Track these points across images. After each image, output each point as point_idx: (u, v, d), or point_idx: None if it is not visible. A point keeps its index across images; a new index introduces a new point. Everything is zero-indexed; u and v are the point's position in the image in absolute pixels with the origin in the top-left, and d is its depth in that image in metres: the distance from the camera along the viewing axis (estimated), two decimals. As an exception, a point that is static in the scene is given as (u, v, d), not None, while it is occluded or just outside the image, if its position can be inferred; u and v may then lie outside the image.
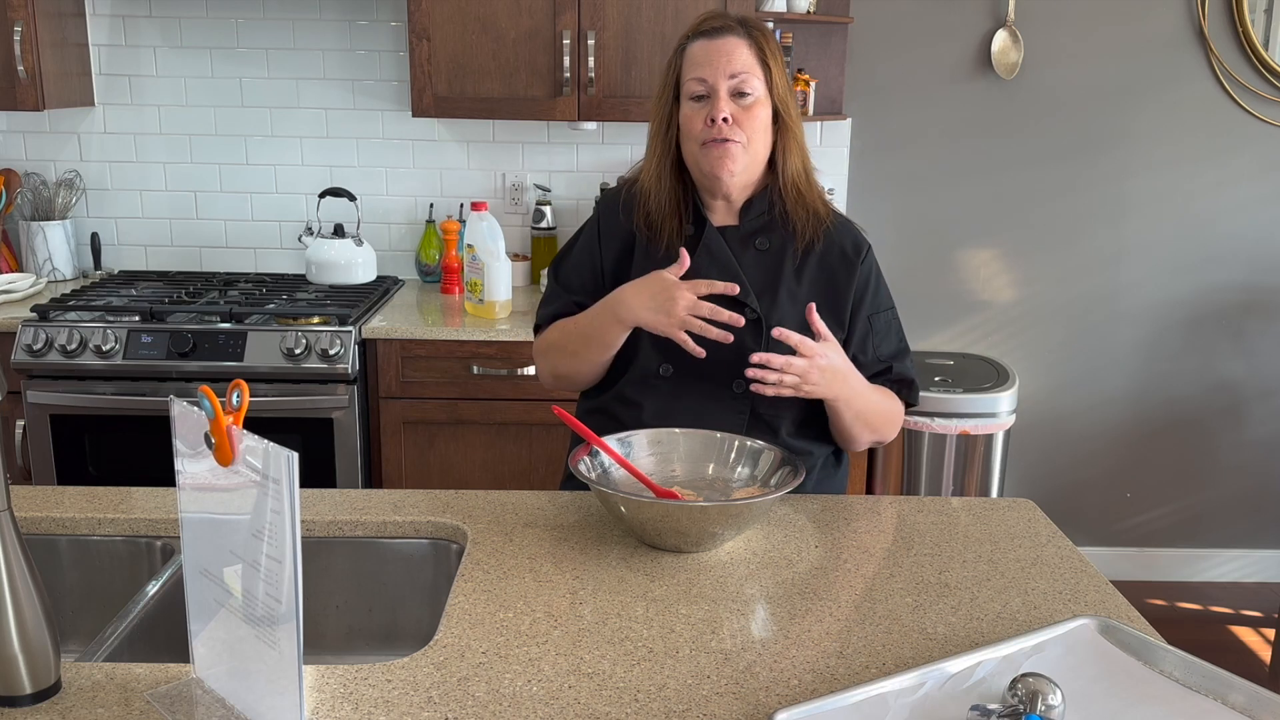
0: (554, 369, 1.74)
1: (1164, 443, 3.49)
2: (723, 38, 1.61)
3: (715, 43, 1.61)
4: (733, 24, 1.63)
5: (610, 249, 1.72)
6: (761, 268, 1.66)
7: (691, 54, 1.63)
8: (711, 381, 1.64)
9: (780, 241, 1.67)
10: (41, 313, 2.66)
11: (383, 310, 2.87)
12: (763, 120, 1.62)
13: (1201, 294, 3.39)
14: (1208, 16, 3.17)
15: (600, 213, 1.77)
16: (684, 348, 1.54)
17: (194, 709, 1.03)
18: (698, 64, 1.61)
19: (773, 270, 1.66)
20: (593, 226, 1.77)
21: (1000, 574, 1.37)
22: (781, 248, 1.67)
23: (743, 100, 1.60)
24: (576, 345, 1.68)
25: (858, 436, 1.67)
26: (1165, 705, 1.05)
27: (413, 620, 1.50)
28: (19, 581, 1.01)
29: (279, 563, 0.94)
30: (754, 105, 1.60)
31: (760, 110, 1.61)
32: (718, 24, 1.63)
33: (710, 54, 1.60)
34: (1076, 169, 3.29)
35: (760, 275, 1.65)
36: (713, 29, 1.62)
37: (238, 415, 0.97)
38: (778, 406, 1.64)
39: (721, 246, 1.65)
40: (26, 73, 2.80)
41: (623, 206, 1.72)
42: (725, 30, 1.61)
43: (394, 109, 3.18)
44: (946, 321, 3.40)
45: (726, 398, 1.65)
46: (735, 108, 1.59)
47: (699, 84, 1.60)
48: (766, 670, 1.12)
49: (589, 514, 1.52)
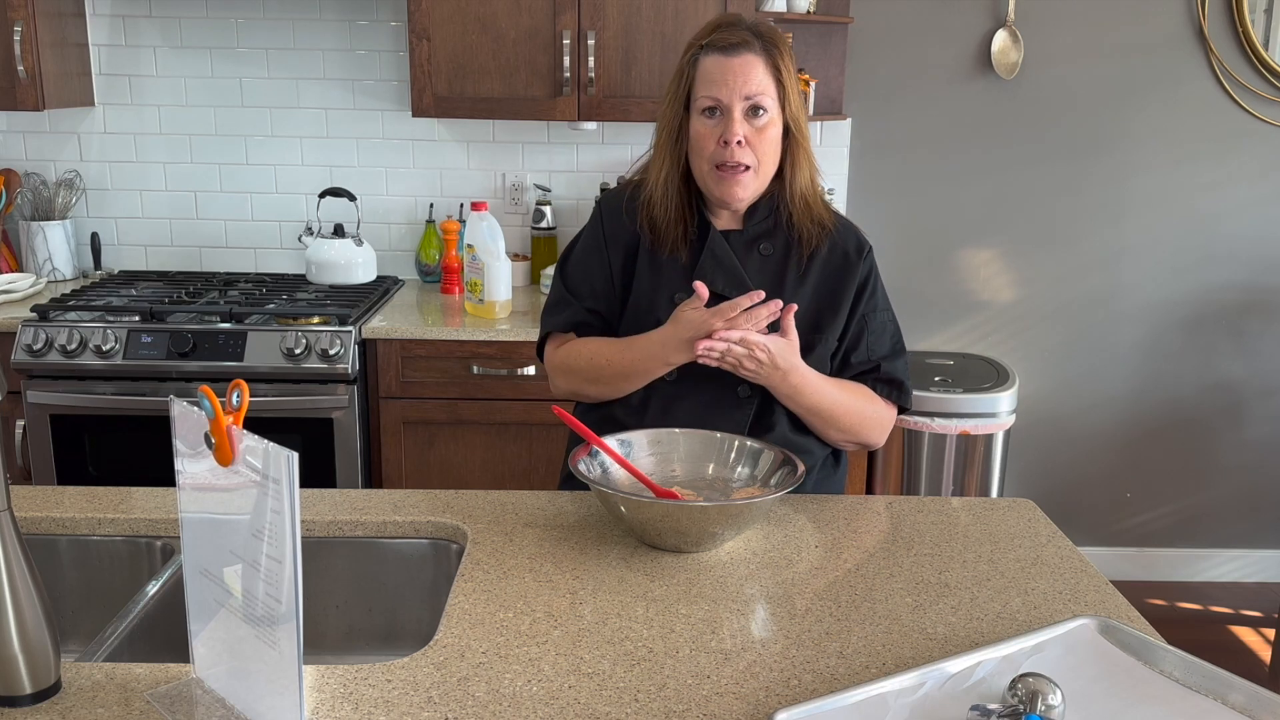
0: (576, 391, 1.73)
1: (1164, 443, 3.49)
2: (740, 55, 1.56)
3: (732, 61, 1.56)
4: (749, 38, 1.57)
5: (617, 253, 1.71)
6: (765, 272, 1.66)
7: (706, 68, 1.58)
8: (716, 385, 1.63)
9: (784, 245, 1.67)
10: (41, 313, 2.66)
11: (383, 310, 2.87)
12: (774, 139, 1.60)
13: (1201, 294, 3.39)
14: (1208, 16, 3.17)
15: (603, 215, 1.75)
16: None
17: (194, 709, 1.03)
18: (712, 81, 1.57)
19: (776, 274, 1.66)
20: (596, 230, 1.74)
21: (1000, 574, 1.37)
22: (785, 252, 1.67)
23: (756, 120, 1.57)
24: (615, 380, 1.65)
25: (822, 433, 1.67)
26: (1165, 705, 1.05)
27: (413, 620, 1.50)
28: (19, 581, 1.01)
29: (279, 563, 0.94)
30: (767, 125, 1.58)
31: (772, 130, 1.59)
32: (735, 40, 1.57)
33: (726, 72, 1.56)
34: (1076, 169, 3.29)
35: (764, 279, 1.65)
36: (730, 45, 1.57)
37: (238, 415, 0.97)
38: (776, 407, 1.64)
39: (726, 251, 1.65)
40: (26, 73, 2.80)
41: (626, 208, 1.71)
42: (742, 47, 1.57)
43: (394, 109, 3.18)
44: (946, 321, 3.40)
45: (730, 402, 1.64)
46: (749, 128, 1.57)
47: (712, 101, 1.57)
48: (766, 670, 1.12)
49: (589, 514, 1.52)
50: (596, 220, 1.75)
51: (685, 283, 1.63)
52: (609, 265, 1.71)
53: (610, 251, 1.71)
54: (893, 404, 1.71)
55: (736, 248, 1.66)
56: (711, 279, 1.62)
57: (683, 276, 1.65)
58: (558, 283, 1.77)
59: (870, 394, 1.69)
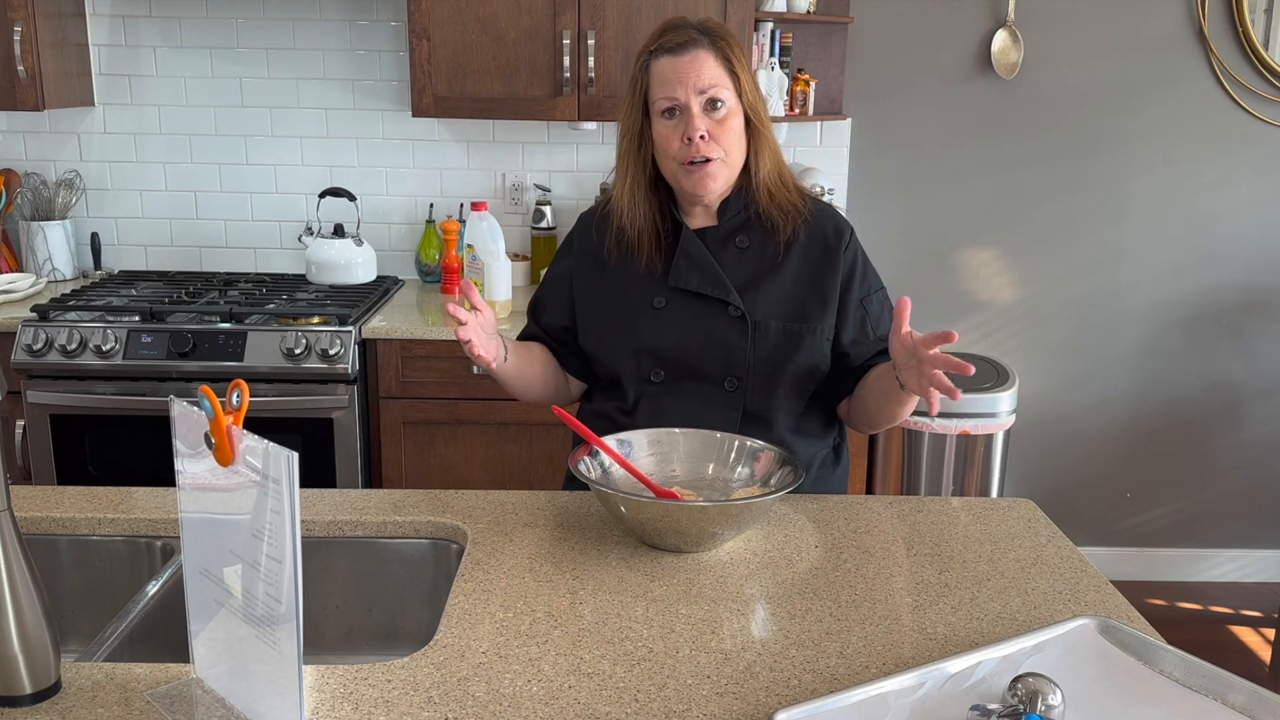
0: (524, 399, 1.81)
1: (1164, 443, 3.49)
2: (689, 53, 1.58)
3: (681, 59, 1.58)
4: (695, 35, 1.59)
5: (581, 269, 1.74)
6: (743, 265, 1.66)
7: (658, 71, 1.60)
8: (704, 381, 1.65)
9: (760, 237, 1.67)
10: (41, 313, 2.66)
11: (383, 310, 2.87)
12: (736, 129, 1.61)
13: (1201, 294, 3.39)
14: (1208, 16, 3.17)
15: (575, 234, 1.79)
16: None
17: (194, 709, 1.03)
18: (666, 82, 1.59)
19: (754, 266, 1.66)
20: (567, 246, 1.79)
21: (1000, 574, 1.37)
22: (762, 243, 1.67)
23: (715, 113, 1.59)
24: (520, 383, 1.74)
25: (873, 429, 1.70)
26: (1165, 705, 1.05)
27: (413, 620, 1.50)
28: (19, 581, 1.01)
29: (279, 563, 0.94)
30: (727, 116, 1.60)
31: (733, 120, 1.60)
32: (681, 38, 1.59)
33: (678, 70, 1.58)
34: (1076, 169, 3.29)
35: (742, 273, 1.65)
36: (677, 45, 1.59)
37: (238, 415, 0.97)
38: (770, 402, 1.65)
39: (699, 249, 1.66)
40: (26, 73, 2.80)
41: (596, 225, 1.74)
42: (689, 45, 1.58)
43: (394, 109, 3.18)
44: (946, 321, 3.40)
45: (719, 396, 1.65)
46: (709, 122, 1.58)
47: (669, 101, 1.59)
48: (766, 670, 1.12)
49: (589, 514, 1.52)
50: (569, 240, 1.80)
51: (664, 287, 1.65)
52: (570, 284, 1.75)
53: (577, 269, 1.75)
54: None
55: (712, 244, 1.67)
56: (686, 278, 1.64)
57: (660, 281, 1.66)
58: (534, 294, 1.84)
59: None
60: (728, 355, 1.63)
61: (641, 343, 1.66)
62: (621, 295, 1.69)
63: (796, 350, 1.64)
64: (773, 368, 1.64)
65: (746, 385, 1.64)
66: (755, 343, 1.63)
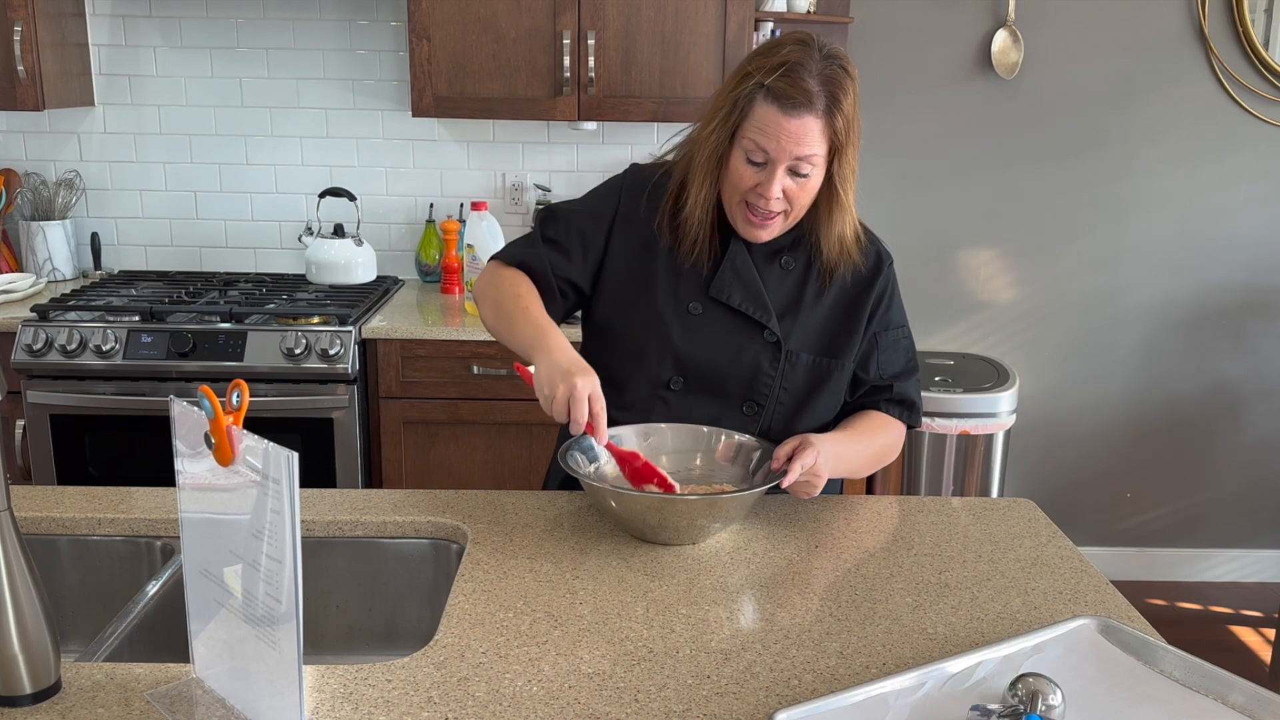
0: (488, 324, 1.62)
1: (1164, 443, 3.48)
2: (799, 118, 1.43)
3: (790, 123, 1.44)
4: (814, 93, 1.43)
5: (624, 234, 1.62)
6: (784, 287, 1.60)
7: (760, 117, 1.46)
8: (721, 399, 1.60)
9: (805, 260, 1.61)
10: (41, 313, 2.66)
11: (383, 310, 2.87)
12: (813, 190, 1.52)
13: (1201, 294, 3.39)
14: (1208, 16, 3.17)
15: (623, 190, 1.65)
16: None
17: (194, 709, 1.03)
18: (764, 133, 1.45)
19: (795, 291, 1.61)
20: (611, 200, 1.64)
21: (1000, 574, 1.37)
22: (806, 268, 1.61)
23: (800, 178, 1.49)
24: (503, 332, 1.58)
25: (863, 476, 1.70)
26: (1165, 705, 1.05)
27: (413, 620, 1.50)
28: (19, 581, 1.01)
29: (279, 563, 0.94)
30: (808, 181, 1.50)
31: (813, 183, 1.51)
32: (798, 95, 1.43)
33: (781, 131, 1.44)
34: (1077, 169, 3.29)
35: (783, 295, 1.60)
36: (791, 101, 1.43)
37: (238, 415, 0.97)
38: (785, 432, 1.58)
39: (747, 263, 1.59)
40: (26, 73, 2.80)
41: (648, 197, 1.62)
42: (803, 108, 1.43)
43: (394, 109, 3.18)
44: (946, 321, 3.40)
45: (733, 417, 1.60)
46: (789, 183, 1.49)
47: (761, 155, 1.47)
48: (766, 670, 1.12)
49: (589, 514, 1.52)
50: (615, 191, 1.65)
51: (703, 293, 1.59)
52: (606, 233, 1.63)
53: (617, 226, 1.63)
54: (903, 423, 1.66)
55: (758, 258, 1.60)
56: (729, 292, 1.58)
57: (701, 286, 1.59)
58: (537, 228, 1.67)
59: (882, 423, 1.64)
60: (754, 379, 1.58)
61: (670, 346, 1.58)
62: (660, 288, 1.60)
63: (823, 385, 1.59)
64: (796, 399, 1.59)
65: (765, 412, 1.59)
66: (784, 373, 1.58)
